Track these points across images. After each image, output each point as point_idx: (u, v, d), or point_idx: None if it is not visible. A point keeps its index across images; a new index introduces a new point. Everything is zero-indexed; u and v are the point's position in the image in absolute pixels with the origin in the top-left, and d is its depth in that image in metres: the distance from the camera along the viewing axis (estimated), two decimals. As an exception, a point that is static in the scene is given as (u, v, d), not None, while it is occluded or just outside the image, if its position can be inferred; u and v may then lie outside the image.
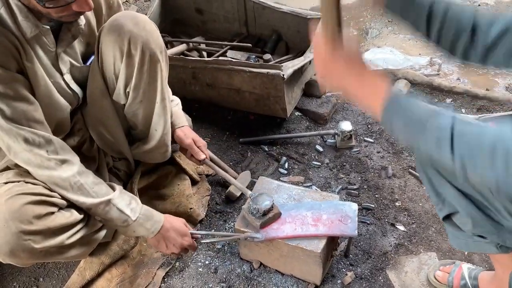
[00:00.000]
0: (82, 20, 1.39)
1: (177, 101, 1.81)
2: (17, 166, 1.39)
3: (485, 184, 0.94)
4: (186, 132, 1.75)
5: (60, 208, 1.33)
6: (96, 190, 1.37)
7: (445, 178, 1.11)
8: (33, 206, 1.24)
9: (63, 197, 1.34)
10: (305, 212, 1.52)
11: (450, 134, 0.84)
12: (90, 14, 1.47)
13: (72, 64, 1.44)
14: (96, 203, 1.36)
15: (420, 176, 1.24)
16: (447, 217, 1.17)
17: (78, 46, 1.46)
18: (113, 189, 1.43)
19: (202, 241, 1.62)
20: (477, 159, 0.83)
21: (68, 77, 1.44)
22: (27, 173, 1.35)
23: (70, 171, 1.33)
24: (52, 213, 1.29)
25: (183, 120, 1.77)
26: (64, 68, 1.42)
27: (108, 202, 1.37)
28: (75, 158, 1.39)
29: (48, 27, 1.30)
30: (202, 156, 1.74)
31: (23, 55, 1.26)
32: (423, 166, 1.18)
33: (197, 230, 1.75)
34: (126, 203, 1.41)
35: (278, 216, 1.50)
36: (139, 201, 1.47)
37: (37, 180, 1.33)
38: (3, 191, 1.27)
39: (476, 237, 1.12)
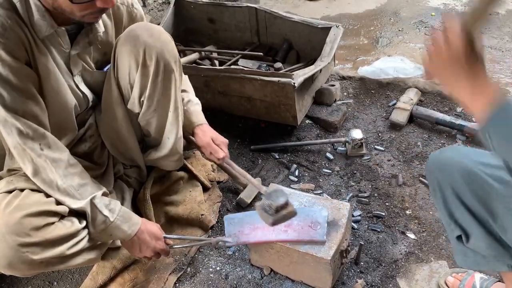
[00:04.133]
0: (101, 28, 1.41)
1: (196, 100, 1.78)
2: (8, 172, 1.40)
3: None
4: (205, 130, 1.72)
5: (62, 216, 1.32)
6: (81, 192, 1.35)
7: (462, 202, 1.14)
8: (31, 218, 1.23)
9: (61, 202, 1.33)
10: None
11: None
12: (110, 25, 1.50)
13: (84, 67, 1.46)
14: (79, 207, 1.33)
15: (434, 196, 1.25)
16: (459, 237, 1.20)
17: (94, 53, 1.48)
18: (100, 189, 1.41)
19: (174, 246, 1.57)
20: None
21: (78, 79, 1.46)
22: (18, 177, 1.35)
23: (56, 173, 1.32)
24: (52, 223, 1.27)
25: (202, 118, 1.74)
26: (75, 70, 1.43)
27: (90, 203, 1.34)
28: (64, 155, 1.36)
29: (64, 29, 1.31)
30: (221, 155, 1.68)
31: (34, 47, 1.26)
32: (441, 187, 1.19)
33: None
34: (105, 204, 1.37)
35: (292, 214, 1.40)
36: (118, 203, 1.42)
37: (29, 182, 1.32)
38: (3, 205, 1.26)
39: (489, 257, 1.15)
